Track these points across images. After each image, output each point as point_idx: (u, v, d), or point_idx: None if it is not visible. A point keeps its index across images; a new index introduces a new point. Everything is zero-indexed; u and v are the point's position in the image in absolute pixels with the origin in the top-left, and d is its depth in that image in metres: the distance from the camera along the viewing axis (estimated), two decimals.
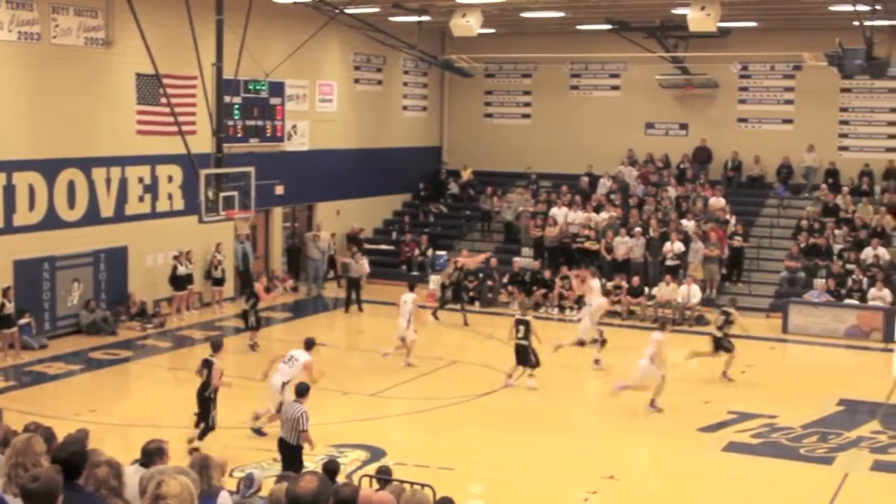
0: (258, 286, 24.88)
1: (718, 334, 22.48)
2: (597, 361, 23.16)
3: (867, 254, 30.07)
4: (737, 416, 19.44)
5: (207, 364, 16.66)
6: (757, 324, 26.85)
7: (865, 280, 29.03)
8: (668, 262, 30.50)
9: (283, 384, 16.72)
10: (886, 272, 29.31)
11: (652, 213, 32.74)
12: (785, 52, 33.27)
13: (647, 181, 35.22)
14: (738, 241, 31.56)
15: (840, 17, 28.29)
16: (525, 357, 21.10)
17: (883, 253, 30.02)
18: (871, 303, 28.30)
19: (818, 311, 28.09)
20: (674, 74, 35.70)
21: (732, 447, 17.75)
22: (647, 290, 29.79)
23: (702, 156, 36.01)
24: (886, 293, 28.31)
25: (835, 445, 17.89)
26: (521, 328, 21.07)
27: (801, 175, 35.00)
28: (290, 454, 14.26)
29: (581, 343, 23.02)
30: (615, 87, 37.57)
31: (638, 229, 31.41)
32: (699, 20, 27.69)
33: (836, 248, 31.01)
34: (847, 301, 28.64)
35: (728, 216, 32.56)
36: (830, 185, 33.72)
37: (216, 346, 17.14)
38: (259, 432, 17.41)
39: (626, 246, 31.09)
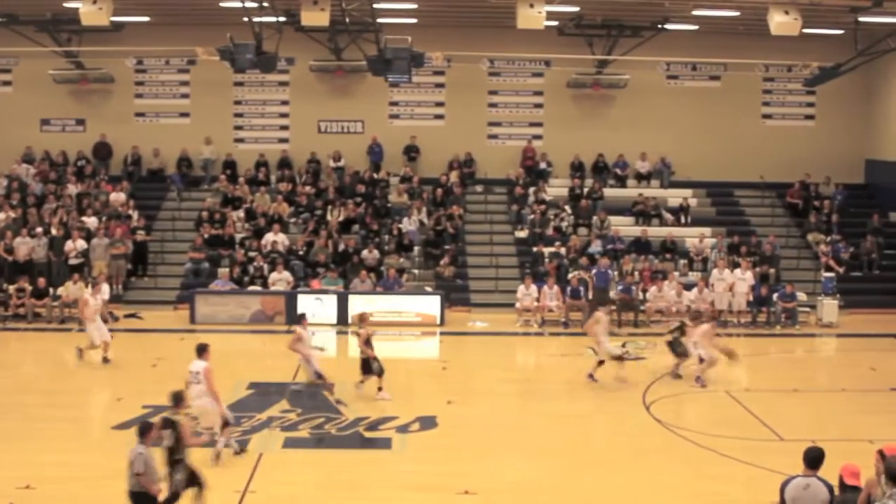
0: None
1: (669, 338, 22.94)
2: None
3: (267, 240, 31.39)
4: (152, 410, 19.44)
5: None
6: (165, 317, 27.09)
7: (266, 266, 30.29)
8: (73, 261, 29.91)
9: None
10: (286, 257, 30.79)
11: (52, 212, 31.89)
12: (179, 47, 33.71)
13: (47, 179, 34.20)
14: (141, 236, 31.64)
15: (231, 13, 29.18)
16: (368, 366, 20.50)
17: (282, 238, 31.49)
18: (273, 287, 29.59)
19: (224, 300, 28.90)
20: (68, 69, 34.95)
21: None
22: (52, 290, 29.01)
23: (102, 151, 35.63)
24: (287, 275, 29.75)
25: (248, 428, 18.51)
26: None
27: (199, 167, 35.70)
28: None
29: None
30: (7, 83, 36.01)
31: (39, 229, 30.50)
32: (91, 14, 27.36)
33: (238, 236, 32.04)
34: (251, 287, 29.74)
35: (130, 211, 32.53)
36: (229, 176, 34.75)
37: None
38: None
39: (28, 246, 30.07)
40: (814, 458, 10.07)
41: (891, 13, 28.71)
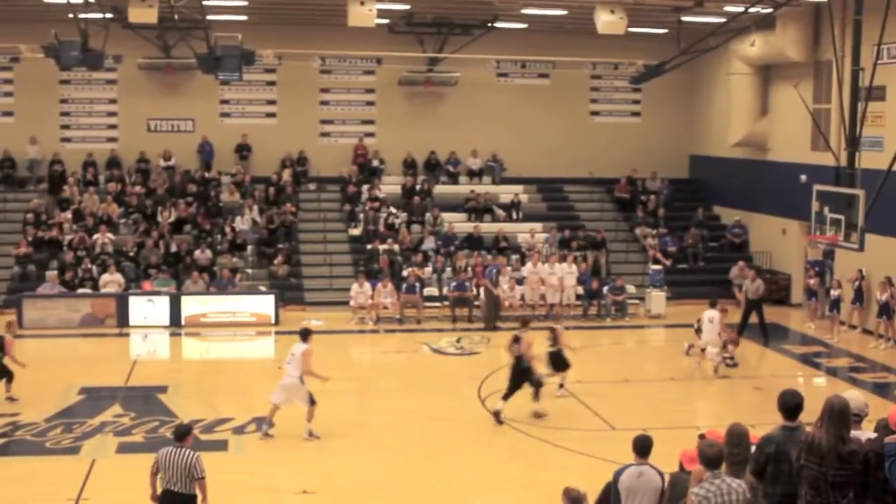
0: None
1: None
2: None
3: (96, 241, 30.70)
4: None
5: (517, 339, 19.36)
6: None
7: (96, 268, 29.63)
8: None
9: (300, 378, 18.18)
10: (116, 259, 30.18)
11: None
12: (1, 44, 32.57)
13: None
14: None
15: (56, 9, 28.41)
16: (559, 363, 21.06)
17: (111, 240, 30.86)
18: (103, 290, 28.96)
19: (53, 304, 28.14)
20: None
21: None
22: None
23: None
24: (118, 277, 29.15)
25: (80, 434, 18.15)
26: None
27: (25, 168, 34.67)
28: None
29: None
30: None
31: None
32: None
33: (67, 238, 31.25)
34: (81, 290, 29.04)
35: None
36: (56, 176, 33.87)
37: (525, 323, 20.02)
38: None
39: None
40: (643, 447, 10.39)
41: (711, 13, 29.77)
